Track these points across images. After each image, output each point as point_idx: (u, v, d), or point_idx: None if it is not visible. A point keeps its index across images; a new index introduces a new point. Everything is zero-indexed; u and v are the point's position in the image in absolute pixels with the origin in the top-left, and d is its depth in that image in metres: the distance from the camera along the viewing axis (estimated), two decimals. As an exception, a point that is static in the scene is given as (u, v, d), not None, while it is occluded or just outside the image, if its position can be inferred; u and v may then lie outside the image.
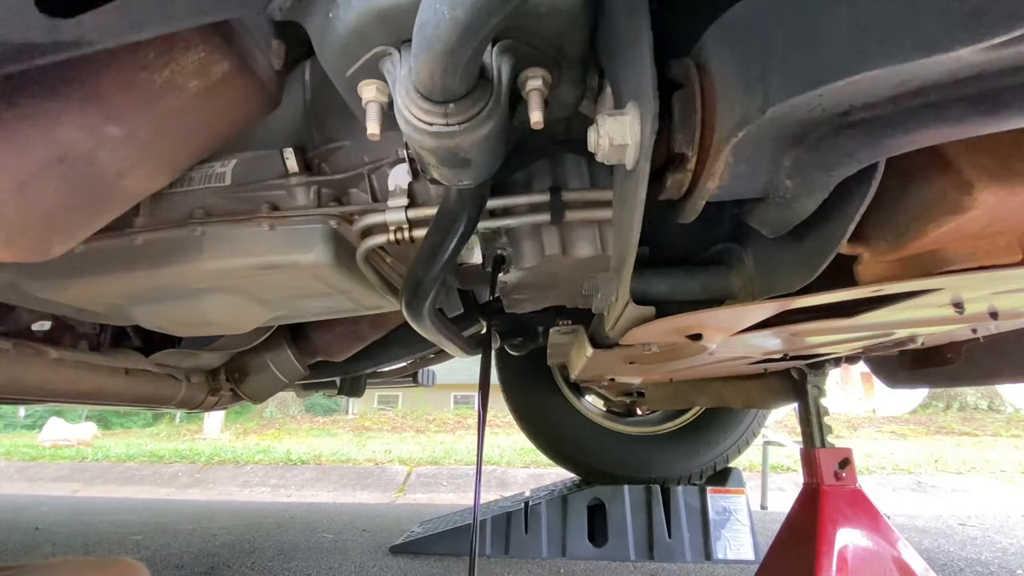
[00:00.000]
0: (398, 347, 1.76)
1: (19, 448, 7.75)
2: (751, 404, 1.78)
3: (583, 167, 0.89)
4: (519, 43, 0.55)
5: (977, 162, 0.49)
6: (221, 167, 0.91)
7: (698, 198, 0.54)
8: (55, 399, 1.42)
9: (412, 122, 0.52)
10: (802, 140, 0.47)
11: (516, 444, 6.80)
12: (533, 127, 0.56)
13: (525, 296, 1.15)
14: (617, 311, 0.74)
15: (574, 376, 1.51)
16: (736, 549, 2.35)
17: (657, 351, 0.99)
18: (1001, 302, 0.74)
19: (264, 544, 2.72)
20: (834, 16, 0.39)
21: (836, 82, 0.38)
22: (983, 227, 0.54)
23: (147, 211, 0.93)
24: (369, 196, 0.90)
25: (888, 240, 0.57)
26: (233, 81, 0.68)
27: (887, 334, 0.99)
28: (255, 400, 1.80)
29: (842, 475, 1.40)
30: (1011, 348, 1.17)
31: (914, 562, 1.31)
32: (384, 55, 0.55)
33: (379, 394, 14.45)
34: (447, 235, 0.77)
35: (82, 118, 0.65)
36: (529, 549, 2.40)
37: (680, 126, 0.52)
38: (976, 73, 0.36)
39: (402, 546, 2.52)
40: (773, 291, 0.67)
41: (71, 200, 0.70)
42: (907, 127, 0.40)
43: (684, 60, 0.53)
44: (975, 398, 10.77)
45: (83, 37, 0.51)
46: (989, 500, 4.61)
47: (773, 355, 1.24)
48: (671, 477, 2.48)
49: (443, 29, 0.41)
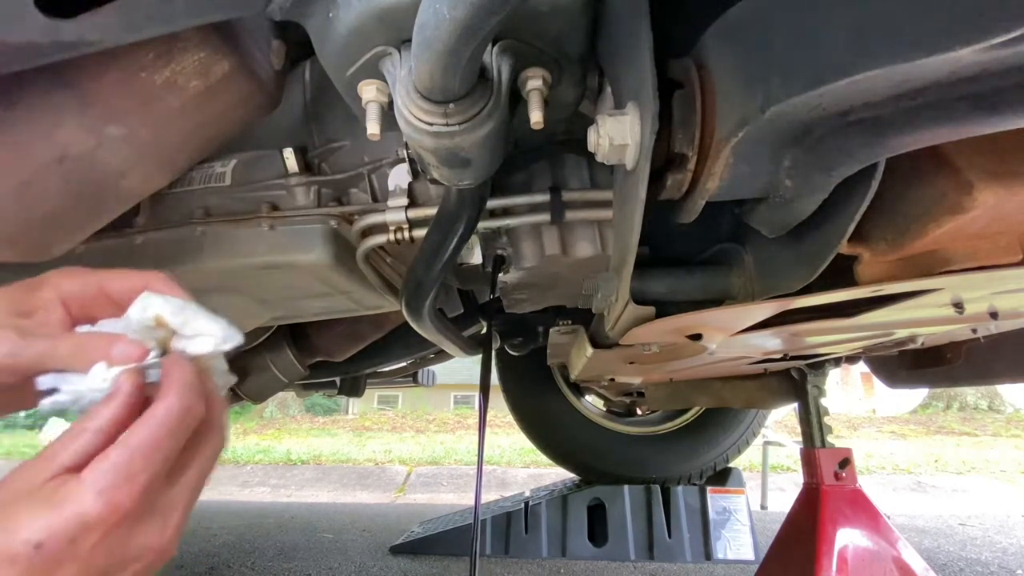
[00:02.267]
0: (398, 347, 1.76)
1: (19, 448, 7.75)
2: (751, 404, 1.78)
3: (583, 167, 0.89)
4: (519, 43, 0.55)
5: (977, 162, 0.49)
6: (221, 167, 0.91)
7: (698, 198, 0.54)
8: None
9: (412, 122, 0.52)
10: (802, 140, 0.47)
11: (516, 444, 6.80)
12: (533, 127, 0.56)
13: (525, 296, 1.15)
14: (617, 311, 0.74)
15: (574, 376, 1.51)
16: (736, 549, 2.35)
17: (657, 351, 0.99)
18: (1001, 302, 0.74)
19: (264, 544, 2.72)
20: (834, 16, 0.39)
21: (836, 82, 0.38)
22: (983, 227, 0.54)
23: (147, 211, 0.93)
24: (369, 196, 0.90)
25: (888, 240, 0.57)
26: (233, 81, 0.68)
27: (887, 334, 0.99)
28: (255, 400, 1.80)
29: (842, 475, 1.40)
30: (1011, 348, 1.17)
31: (914, 562, 1.31)
32: (384, 55, 0.55)
33: (379, 394, 14.44)
34: (447, 235, 0.77)
35: (82, 118, 0.65)
36: (529, 549, 2.40)
37: (680, 126, 0.52)
38: (976, 73, 0.36)
39: (402, 546, 2.52)
40: (773, 291, 0.67)
41: (71, 200, 0.70)
42: (907, 127, 0.40)
43: (684, 60, 0.53)
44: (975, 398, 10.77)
45: (83, 37, 0.51)
46: (989, 500, 4.61)
47: (773, 355, 1.24)
48: (671, 477, 2.48)
49: (443, 29, 0.41)
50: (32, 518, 0.29)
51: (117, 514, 0.30)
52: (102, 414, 0.34)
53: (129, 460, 0.31)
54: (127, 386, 0.35)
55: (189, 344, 0.38)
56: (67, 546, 0.29)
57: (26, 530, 0.29)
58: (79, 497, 0.30)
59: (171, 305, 0.38)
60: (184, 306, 0.39)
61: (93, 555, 0.30)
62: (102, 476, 0.31)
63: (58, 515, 0.29)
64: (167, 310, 0.38)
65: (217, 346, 0.38)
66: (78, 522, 0.29)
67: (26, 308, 0.38)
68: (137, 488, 0.31)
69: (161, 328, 0.38)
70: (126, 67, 0.63)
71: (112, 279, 0.40)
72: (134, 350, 0.36)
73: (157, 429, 0.32)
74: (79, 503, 0.30)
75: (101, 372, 0.35)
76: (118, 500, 0.30)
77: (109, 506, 0.30)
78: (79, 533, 0.30)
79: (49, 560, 0.29)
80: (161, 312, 0.38)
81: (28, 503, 0.30)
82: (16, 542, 0.29)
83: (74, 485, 0.30)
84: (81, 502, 0.30)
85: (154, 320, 0.38)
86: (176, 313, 0.38)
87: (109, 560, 0.31)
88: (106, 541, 0.30)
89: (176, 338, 0.38)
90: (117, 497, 0.30)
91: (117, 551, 0.31)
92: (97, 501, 0.30)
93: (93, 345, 0.36)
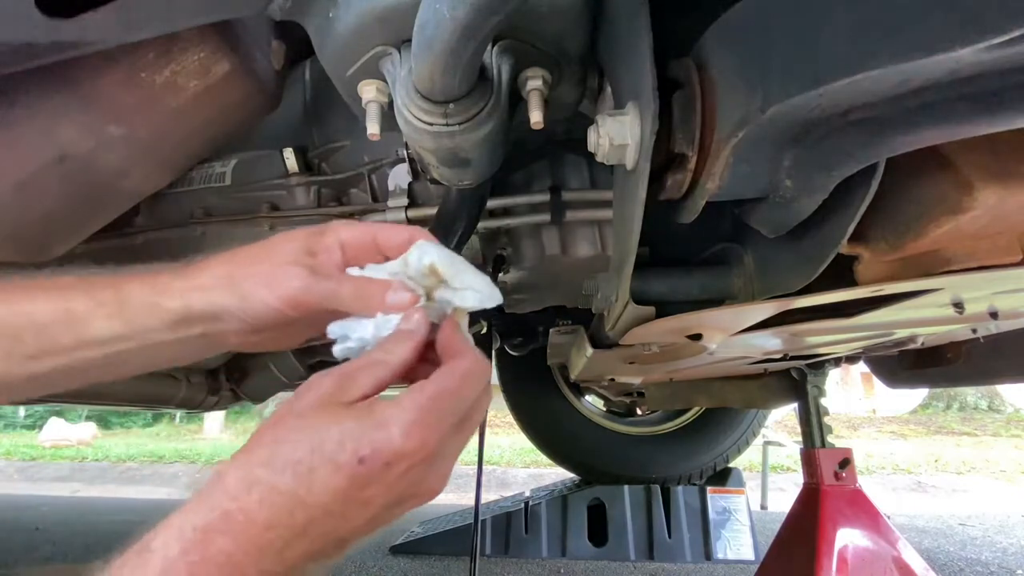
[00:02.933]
0: (398, 347, 1.76)
1: (19, 448, 7.74)
2: (751, 404, 1.78)
3: (583, 167, 0.89)
4: (519, 43, 0.55)
5: (977, 162, 0.49)
6: (221, 167, 0.91)
7: (698, 198, 0.54)
8: (55, 398, 1.42)
9: (412, 122, 0.52)
10: (802, 140, 0.47)
11: (516, 444, 6.80)
12: (533, 127, 0.56)
13: (525, 296, 1.15)
14: (617, 311, 0.74)
15: (574, 376, 1.51)
16: (736, 549, 2.35)
17: (657, 351, 0.99)
18: (1001, 302, 0.74)
19: (264, 544, 2.71)
20: (834, 16, 0.39)
21: (836, 82, 0.38)
22: (983, 227, 0.54)
23: (147, 211, 0.93)
24: (369, 196, 0.90)
25: (888, 240, 0.57)
26: (233, 81, 0.68)
27: (887, 334, 0.99)
28: (255, 400, 1.80)
29: (842, 475, 1.40)
30: (1011, 348, 1.17)
31: (914, 562, 1.31)
32: (384, 55, 0.55)
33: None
34: (447, 235, 0.77)
35: (82, 118, 0.65)
36: (529, 549, 2.40)
37: (680, 126, 0.52)
38: (976, 73, 0.36)
39: (402, 546, 2.52)
40: (773, 291, 0.67)
41: (71, 200, 0.70)
42: (907, 127, 0.40)
43: (684, 60, 0.53)
44: (975, 398, 10.76)
45: (83, 37, 0.51)
46: (989, 500, 4.60)
47: (773, 355, 1.24)
48: (671, 477, 2.47)
49: (443, 29, 0.41)
50: (358, 430, 0.31)
51: (424, 451, 0.32)
52: (397, 351, 0.36)
53: (441, 404, 0.33)
54: (423, 329, 0.37)
55: (456, 296, 0.40)
56: (381, 468, 0.31)
57: (352, 442, 0.31)
58: (398, 424, 0.31)
59: (444, 255, 0.40)
60: (454, 259, 0.40)
61: (397, 483, 0.32)
62: (418, 412, 0.32)
63: (382, 435, 0.31)
64: (441, 259, 0.40)
65: (482, 302, 0.40)
66: (393, 449, 0.31)
67: (313, 248, 0.41)
68: (443, 431, 0.33)
69: (433, 276, 0.40)
70: (126, 67, 0.63)
71: (384, 230, 0.43)
72: (407, 297, 0.39)
73: (462, 381, 0.35)
74: (397, 430, 0.31)
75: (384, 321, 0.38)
76: (427, 437, 0.32)
77: (419, 441, 0.32)
78: (393, 459, 0.31)
79: (366, 476, 0.31)
80: (435, 261, 0.39)
81: (348, 415, 0.32)
82: (344, 452, 0.31)
83: (393, 412, 0.32)
84: (398, 430, 0.31)
85: (428, 268, 0.40)
86: (448, 264, 0.40)
87: (404, 492, 0.33)
88: (409, 474, 0.32)
89: (443, 288, 0.40)
90: (427, 435, 0.32)
91: (411, 485, 0.33)
92: (412, 433, 0.31)
93: (371, 290, 0.39)
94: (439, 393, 0.33)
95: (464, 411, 0.35)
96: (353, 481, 0.31)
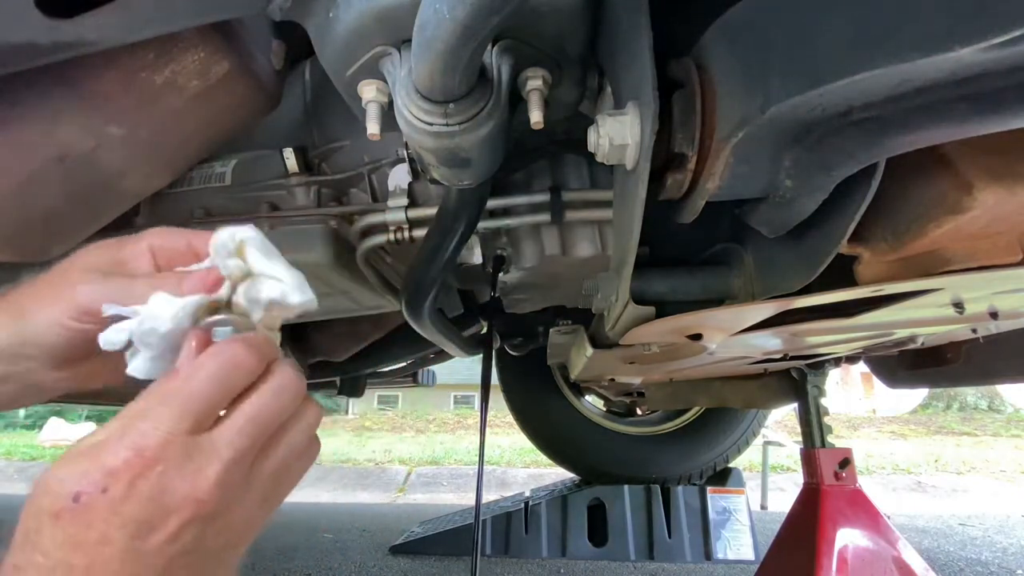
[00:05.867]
0: (398, 347, 1.76)
1: (19, 448, 7.74)
2: (751, 404, 1.78)
3: (583, 167, 0.89)
4: (519, 43, 0.55)
5: (977, 162, 0.49)
6: (221, 167, 0.91)
7: (698, 198, 0.54)
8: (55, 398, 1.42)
9: (412, 122, 0.52)
10: (802, 140, 0.47)
11: (516, 444, 6.80)
12: (533, 127, 0.56)
13: (525, 296, 1.15)
14: (617, 311, 0.74)
15: (574, 376, 1.51)
16: (736, 549, 2.35)
17: (657, 351, 0.99)
18: (1001, 302, 0.74)
19: (264, 544, 2.72)
20: (834, 16, 0.39)
21: (836, 82, 0.38)
22: (983, 227, 0.54)
23: (147, 211, 0.93)
24: (369, 196, 0.90)
25: (888, 240, 0.57)
26: (233, 81, 0.68)
27: (887, 334, 0.99)
28: (255, 400, 1.80)
29: (842, 475, 1.40)
30: (1011, 348, 1.17)
31: (914, 562, 1.31)
32: (384, 55, 0.55)
33: (379, 394, 14.43)
34: (447, 235, 0.77)
35: (82, 118, 0.65)
36: (529, 549, 2.40)
37: (680, 126, 0.52)
38: (976, 73, 0.36)
39: (402, 546, 2.52)
40: (773, 291, 0.67)
41: (71, 200, 0.70)
42: (907, 127, 0.40)
43: (684, 60, 0.53)
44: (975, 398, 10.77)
45: (83, 37, 0.51)
46: (989, 500, 4.61)
47: (773, 355, 1.24)
48: (671, 477, 2.47)
49: (443, 29, 0.41)
50: (69, 470, 0.30)
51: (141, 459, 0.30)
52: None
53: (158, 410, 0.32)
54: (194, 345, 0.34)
55: (263, 286, 0.36)
56: (100, 495, 0.29)
57: (66, 483, 0.30)
58: (109, 448, 0.30)
59: (259, 241, 0.37)
60: (270, 248, 0.38)
61: (126, 504, 0.30)
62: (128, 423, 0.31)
63: (91, 464, 0.30)
64: (253, 242, 0.37)
65: (287, 296, 0.37)
66: (103, 469, 0.30)
67: (118, 258, 0.39)
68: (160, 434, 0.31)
69: (241, 258, 0.37)
70: (126, 67, 0.63)
71: (199, 235, 0.40)
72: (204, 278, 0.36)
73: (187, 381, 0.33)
74: (107, 453, 0.30)
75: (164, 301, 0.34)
76: (141, 444, 0.30)
77: (131, 450, 0.30)
78: (108, 481, 0.30)
79: (86, 511, 0.29)
80: (247, 240, 0.37)
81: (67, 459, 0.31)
82: (59, 497, 0.29)
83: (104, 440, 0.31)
84: (109, 452, 0.30)
85: (237, 247, 0.36)
86: (260, 248, 0.37)
87: (145, 510, 0.30)
88: (135, 489, 0.30)
89: (251, 280, 0.37)
90: (140, 442, 0.30)
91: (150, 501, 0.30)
92: (119, 448, 0.30)
93: (167, 281, 0.36)
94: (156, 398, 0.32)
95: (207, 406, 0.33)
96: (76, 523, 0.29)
